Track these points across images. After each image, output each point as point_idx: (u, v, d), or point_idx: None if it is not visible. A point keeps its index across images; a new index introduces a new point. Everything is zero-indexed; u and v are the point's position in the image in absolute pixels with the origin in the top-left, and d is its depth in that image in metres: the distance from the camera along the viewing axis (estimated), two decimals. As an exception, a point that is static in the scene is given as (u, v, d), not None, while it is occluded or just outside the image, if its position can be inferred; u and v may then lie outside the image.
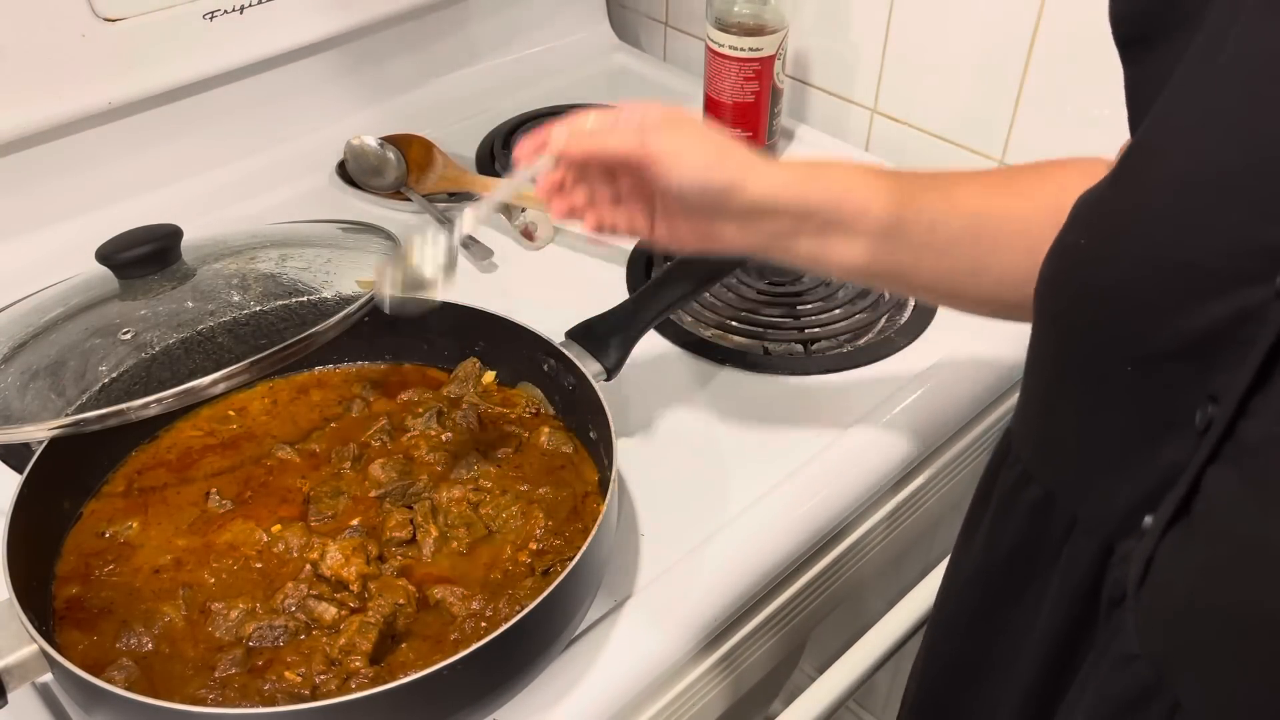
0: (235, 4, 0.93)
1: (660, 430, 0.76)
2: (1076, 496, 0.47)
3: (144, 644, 0.57)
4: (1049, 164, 0.61)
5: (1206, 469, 0.39)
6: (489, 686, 0.56)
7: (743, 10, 1.00)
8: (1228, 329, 0.38)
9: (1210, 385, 0.39)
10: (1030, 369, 0.50)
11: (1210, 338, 0.39)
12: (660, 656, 0.63)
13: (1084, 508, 0.46)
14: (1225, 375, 0.38)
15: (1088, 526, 0.46)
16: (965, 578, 0.56)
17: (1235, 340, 0.38)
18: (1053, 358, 0.48)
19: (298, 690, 0.55)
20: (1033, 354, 0.50)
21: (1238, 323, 0.38)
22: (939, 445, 0.80)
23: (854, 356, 0.83)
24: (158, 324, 0.63)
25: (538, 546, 0.63)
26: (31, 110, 0.85)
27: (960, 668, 0.57)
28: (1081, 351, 0.45)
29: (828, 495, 0.72)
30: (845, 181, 0.59)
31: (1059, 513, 0.48)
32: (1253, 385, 0.37)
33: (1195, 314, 0.39)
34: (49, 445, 0.61)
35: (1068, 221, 0.46)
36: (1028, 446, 0.51)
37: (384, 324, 0.73)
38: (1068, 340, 0.46)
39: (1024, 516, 0.50)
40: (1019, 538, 0.51)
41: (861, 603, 0.94)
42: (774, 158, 0.64)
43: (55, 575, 0.61)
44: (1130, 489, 0.43)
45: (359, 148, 1.02)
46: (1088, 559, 0.46)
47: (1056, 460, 0.48)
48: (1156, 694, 0.41)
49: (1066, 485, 0.48)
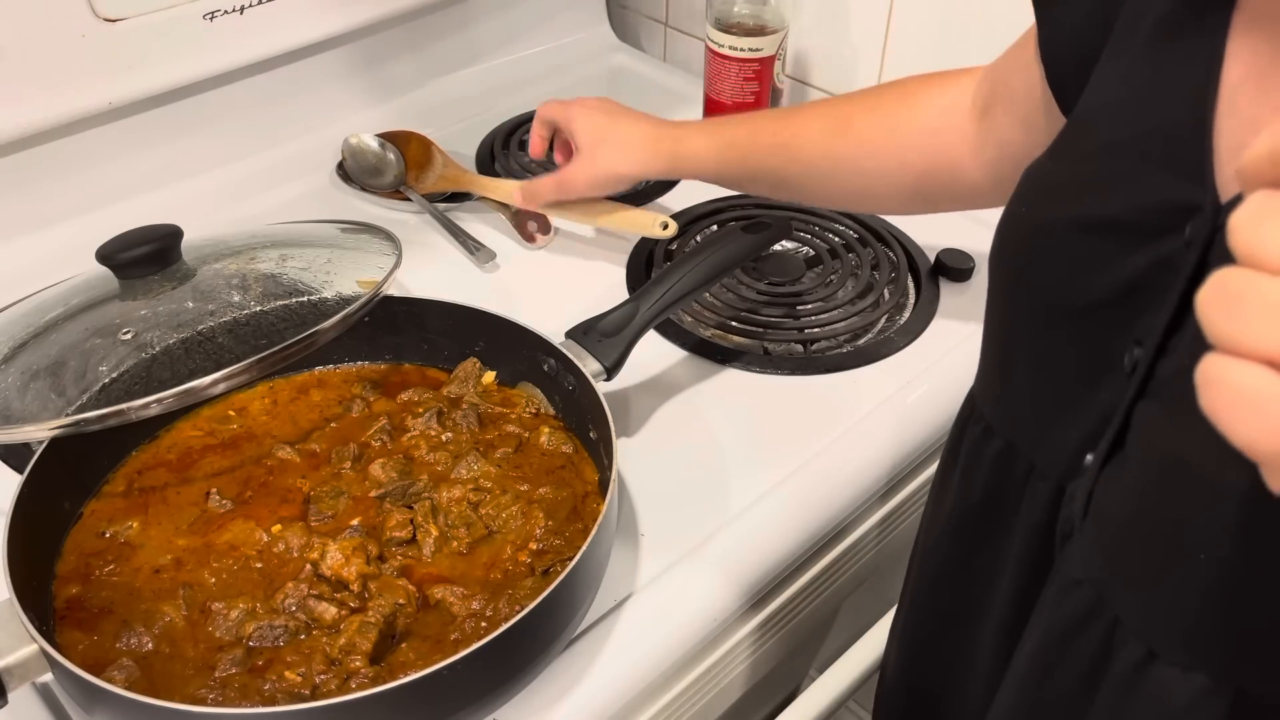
0: (235, 4, 0.93)
1: (660, 430, 0.76)
2: (1032, 444, 0.51)
3: (144, 644, 0.57)
4: (909, 96, 0.73)
5: (1135, 405, 0.43)
6: (489, 686, 0.56)
7: (743, 10, 1.00)
8: (1148, 277, 0.42)
9: (1135, 329, 0.43)
10: (987, 332, 0.54)
11: (1134, 287, 0.43)
12: (660, 656, 0.63)
13: (1039, 454, 0.50)
14: (1148, 320, 0.42)
15: (1042, 471, 0.50)
16: (939, 531, 0.60)
17: (1155, 288, 0.42)
18: (1003, 316, 0.52)
19: (298, 690, 0.55)
20: (989, 318, 0.54)
21: (1157, 271, 0.42)
22: (939, 445, 0.80)
23: (854, 356, 0.83)
24: (158, 324, 0.63)
25: (538, 546, 0.63)
26: (31, 110, 0.85)
27: (941, 615, 0.61)
28: (1029, 309, 0.49)
29: (827, 495, 0.72)
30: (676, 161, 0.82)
31: (1019, 461, 0.52)
32: (1169, 327, 0.41)
33: (1121, 266, 0.43)
34: (49, 445, 0.61)
35: (1015, 192, 0.51)
36: (988, 402, 0.55)
37: (384, 324, 0.74)
38: (1016, 300, 0.50)
39: (989, 468, 0.54)
40: (986, 488, 0.55)
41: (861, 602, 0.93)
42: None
43: (55, 575, 0.61)
44: (1075, 432, 0.47)
45: (357, 146, 1.02)
46: (1044, 500, 0.50)
47: (1013, 413, 0.52)
48: (1098, 614, 0.45)
49: (1023, 435, 0.52)
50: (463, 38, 1.16)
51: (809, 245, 0.95)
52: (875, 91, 0.75)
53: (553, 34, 1.23)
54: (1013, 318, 0.51)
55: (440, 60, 1.15)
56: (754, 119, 0.81)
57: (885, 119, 0.73)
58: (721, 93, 1.03)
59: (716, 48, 1.01)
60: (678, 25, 1.26)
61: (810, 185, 0.78)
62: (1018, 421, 0.52)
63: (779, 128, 0.77)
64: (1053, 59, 0.55)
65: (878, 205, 0.80)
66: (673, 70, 1.24)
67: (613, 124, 0.84)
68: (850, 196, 0.78)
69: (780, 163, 0.77)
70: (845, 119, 0.75)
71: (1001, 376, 0.53)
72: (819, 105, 0.78)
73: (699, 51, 1.08)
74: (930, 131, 0.70)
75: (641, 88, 1.20)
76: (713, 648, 0.68)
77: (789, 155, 0.76)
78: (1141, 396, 0.43)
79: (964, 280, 0.90)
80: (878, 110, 0.74)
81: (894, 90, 0.74)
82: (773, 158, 0.77)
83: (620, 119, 0.84)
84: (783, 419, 0.77)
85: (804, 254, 0.94)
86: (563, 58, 1.23)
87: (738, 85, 1.02)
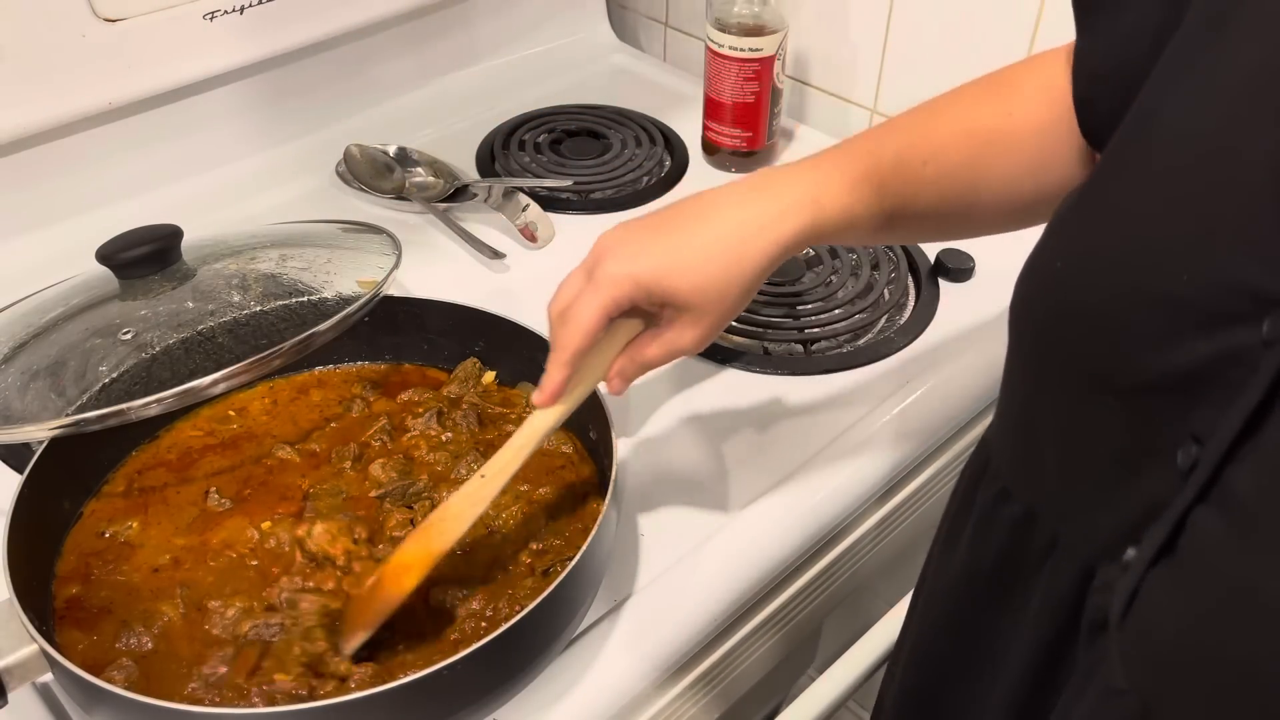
0: (235, 4, 0.93)
1: (660, 430, 0.76)
2: (1057, 517, 0.46)
3: (144, 643, 0.57)
4: (1008, 85, 0.59)
5: (1192, 510, 0.38)
6: (489, 686, 0.56)
7: (743, 11, 1.00)
8: (1212, 369, 0.37)
9: (1191, 422, 0.38)
10: (1007, 384, 0.49)
11: (1191, 375, 0.37)
12: (660, 657, 0.63)
13: (1064, 529, 0.46)
14: (1209, 413, 0.37)
15: (1068, 547, 0.46)
16: (949, 583, 0.56)
17: (1221, 382, 0.36)
18: (1029, 377, 0.47)
19: (296, 690, 0.55)
20: (1009, 369, 0.49)
21: (1223, 363, 0.36)
22: (938, 445, 0.80)
23: (854, 356, 0.83)
24: (158, 324, 0.63)
25: (538, 546, 0.63)
26: (31, 110, 0.85)
27: (946, 663, 0.57)
28: (1058, 375, 0.44)
29: (828, 495, 0.72)
30: (820, 227, 0.56)
31: (1040, 530, 0.47)
32: (1240, 432, 0.36)
33: (1177, 349, 0.38)
34: (49, 445, 0.61)
35: (1045, 235, 0.45)
36: (1006, 463, 0.50)
37: (384, 324, 0.74)
38: (1045, 362, 0.45)
39: (1005, 531, 0.50)
40: (1001, 551, 0.50)
41: (861, 602, 0.93)
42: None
43: (55, 575, 0.61)
44: (1111, 517, 0.42)
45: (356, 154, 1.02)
46: (1069, 579, 0.45)
47: (1035, 480, 0.48)
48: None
49: (1046, 505, 0.47)
50: (463, 38, 1.16)
51: (809, 245, 0.95)
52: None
53: (553, 34, 1.23)
54: (1039, 385, 0.46)
55: (440, 60, 1.15)
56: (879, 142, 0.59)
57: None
58: (721, 93, 1.03)
59: (716, 48, 1.01)
60: (678, 25, 1.26)
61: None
62: (1040, 490, 0.47)
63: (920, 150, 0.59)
64: (1086, 76, 0.50)
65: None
66: (673, 70, 1.24)
67: (703, 252, 0.55)
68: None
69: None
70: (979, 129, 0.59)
71: (1024, 440, 0.48)
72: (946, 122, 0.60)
73: (699, 51, 1.08)
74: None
75: (641, 88, 1.20)
76: (713, 648, 0.68)
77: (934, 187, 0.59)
78: (1201, 500, 0.37)
79: (964, 280, 0.90)
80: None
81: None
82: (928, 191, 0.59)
83: (695, 233, 0.56)
84: (783, 419, 0.77)
85: (804, 254, 0.94)
86: (563, 58, 1.23)
87: (738, 85, 1.02)
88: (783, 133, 1.10)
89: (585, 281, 0.56)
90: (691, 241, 0.55)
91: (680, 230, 0.56)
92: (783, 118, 1.08)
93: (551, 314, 0.57)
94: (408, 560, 0.57)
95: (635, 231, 0.56)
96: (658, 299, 0.55)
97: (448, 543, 0.57)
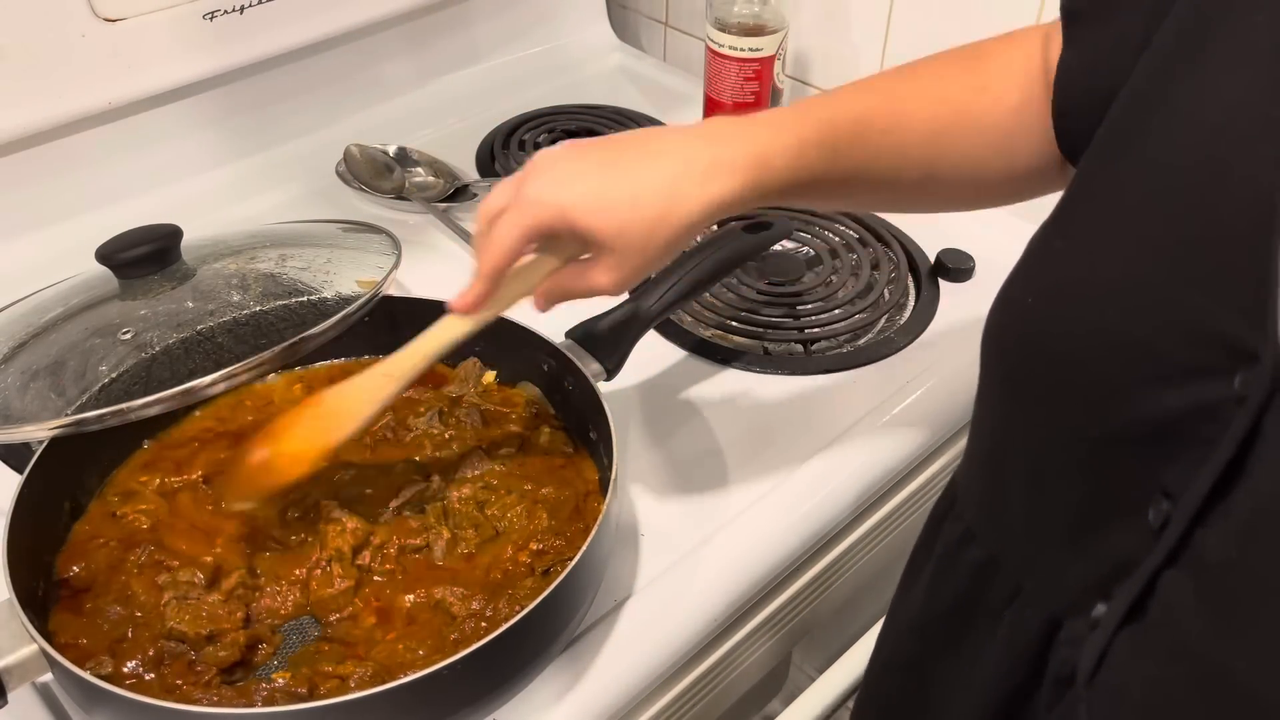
0: (235, 4, 0.93)
1: (660, 430, 0.76)
2: (1022, 567, 0.45)
3: (145, 642, 0.57)
4: (983, 59, 0.57)
5: (1162, 572, 0.37)
6: (489, 686, 0.56)
7: (743, 10, 1.00)
8: (1184, 423, 0.35)
9: (1163, 478, 0.36)
10: (976, 420, 0.48)
11: (1165, 427, 0.36)
12: (660, 656, 0.63)
13: (1030, 579, 0.45)
14: (1180, 470, 0.35)
15: (1033, 598, 0.44)
16: (904, 624, 0.55)
17: (1192, 436, 0.35)
18: (999, 418, 0.46)
19: (296, 690, 0.55)
20: (979, 405, 0.47)
21: (1195, 418, 0.34)
22: (939, 445, 0.80)
23: (854, 356, 0.83)
24: (158, 324, 0.63)
25: (538, 546, 0.63)
26: (31, 110, 0.85)
27: (896, 709, 0.57)
28: (1028, 414, 0.43)
29: (828, 495, 0.72)
30: (763, 187, 0.52)
31: (1002, 578, 0.46)
32: (1211, 491, 0.34)
33: (1151, 401, 0.36)
34: (49, 445, 0.61)
35: (1019, 263, 0.44)
36: (972, 504, 0.49)
37: (384, 323, 0.73)
38: (1015, 403, 0.44)
39: (965, 575, 0.48)
40: (960, 595, 0.49)
41: (861, 603, 0.93)
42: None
43: (57, 574, 0.61)
44: (1080, 571, 0.41)
45: (356, 154, 1.02)
46: (1033, 630, 0.44)
47: (1001, 525, 0.47)
48: None
49: (1011, 553, 0.46)
50: (463, 38, 1.16)
51: (809, 245, 0.95)
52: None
53: (553, 34, 1.23)
54: (1009, 425, 0.44)
55: (440, 60, 1.15)
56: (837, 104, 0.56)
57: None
58: (721, 93, 1.03)
59: (716, 48, 1.01)
60: (678, 25, 1.26)
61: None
62: (1007, 537, 0.46)
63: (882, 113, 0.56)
64: (1065, 88, 0.49)
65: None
66: (673, 70, 1.24)
67: (632, 193, 0.52)
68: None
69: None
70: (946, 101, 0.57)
71: (991, 483, 0.47)
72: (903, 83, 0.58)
73: (699, 51, 1.08)
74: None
75: (641, 88, 1.20)
76: (713, 648, 0.68)
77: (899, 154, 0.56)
78: (1171, 563, 0.36)
79: (964, 280, 0.90)
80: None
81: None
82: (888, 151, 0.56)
83: (630, 170, 0.52)
84: (783, 419, 0.77)
85: (804, 254, 0.94)
86: (563, 58, 1.23)
87: (738, 85, 1.02)
88: (783, 133, 1.10)
89: (514, 193, 0.53)
90: (625, 181, 0.51)
91: (617, 166, 0.52)
92: (783, 118, 1.08)
93: (479, 214, 0.55)
94: (300, 450, 0.57)
95: (574, 157, 0.53)
96: (579, 234, 0.52)
97: (341, 437, 0.56)
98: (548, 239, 0.54)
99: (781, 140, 0.52)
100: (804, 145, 0.53)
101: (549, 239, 0.54)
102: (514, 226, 0.52)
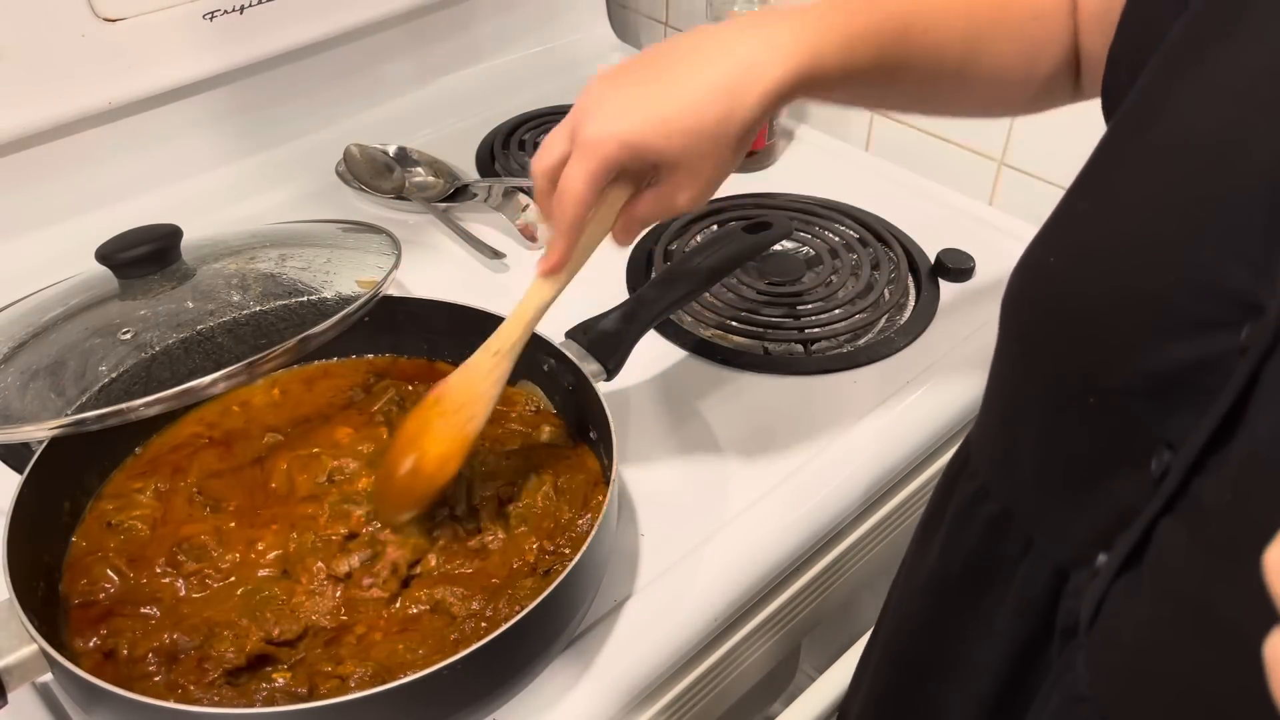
0: (235, 4, 0.93)
1: (660, 430, 0.76)
2: (1032, 519, 0.46)
3: (148, 641, 0.57)
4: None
5: (1159, 520, 0.38)
6: (489, 686, 0.56)
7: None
8: (1189, 374, 0.36)
9: (1166, 429, 0.37)
10: (992, 383, 0.49)
11: (1171, 380, 0.37)
12: (660, 657, 0.63)
13: (1039, 531, 0.46)
14: (1182, 421, 0.36)
15: (1043, 550, 0.45)
16: (920, 583, 0.56)
17: (1196, 387, 0.36)
18: (1014, 376, 0.47)
19: (296, 690, 0.55)
20: (995, 366, 0.48)
21: (1199, 370, 0.36)
22: (939, 445, 0.80)
23: (854, 356, 0.83)
24: (158, 324, 0.63)
25: (538, 546, 0.63)
26: (31, 110, 0.85)
27: (915, 666, 0.57)
28: (1042, 374, 0.44)
29: (828, 495, 0.72)
30: (817, 77, 0.52)
31: (1015, 531, 0.47)
32: (1210, 440, 0.35)
33: (1158, 354, 0.37)
34: (49, 445, 0.61)
35: (1043, 229, 0.44)
36: (985, 461, 0.50)
37: (384, 323, 0.74)
38: (1030, 360, 0.45)
39: (980, 531, 0.49)
40: (975, 551, 0.50)
41: (861, 603, 0.93)
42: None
43: (58, 573, 0.61)
44: (1085, 522, 0.42)
45: (356, 154, 1.02)
46: (1042, 582, 0.45)
47: (1013, 480, 0.47)
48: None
49: (1023, 506, 0.47)
50: (462, 38, 1.16)
51: (809, 245, 0.95)
52: None
53: (553, 34, 1.23)
54: (1023, 382, 0.46)
55: (440, 60, 1.15)
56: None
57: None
58: (721, 93, 1.03)
59: (716, 48, 1.01)
60: (678, 25, 1.26)
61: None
62: (1019, 491, 0.47)
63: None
64: (1124, 41, 0.47)
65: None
66: (673, 70, 1.24)
67: (692, 104, 0.51)
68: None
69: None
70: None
71: (1004, 440, 0.48)
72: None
73: (699, 51, 1.08)
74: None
75: (641, 88, 1.20)
76: (713, 648, 0.68)
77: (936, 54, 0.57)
78: (1168, 510, 0.37)
79: (964, 280, 0.90)
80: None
81: None
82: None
83: (682, 81, 0.51)
84: (782, 419, 0.77)
85: (804, 254, 0.94)
86: (563, 58, 1.23)
87: (738, 85, 1.02)
88: (783, 132, 1.10)
89: (568, 143, 0.52)
90: (681, 94, 0.50)
91: (666, 79, 0.51)
92: (783, 118, 1.08)
93: (535, 173, 0.54)
94: (444, 450, 0.58)
95: (619, 84, 0.52)
96: (649, 160, 0.51)
97: (479, 425, 0.58)
98: (612, 182, 0.54)
99: (833, 31, 0.52)
100: (851, 39, 0.52)
101: (613, 182, 0.54)
102: (583, 172, 0.51)
